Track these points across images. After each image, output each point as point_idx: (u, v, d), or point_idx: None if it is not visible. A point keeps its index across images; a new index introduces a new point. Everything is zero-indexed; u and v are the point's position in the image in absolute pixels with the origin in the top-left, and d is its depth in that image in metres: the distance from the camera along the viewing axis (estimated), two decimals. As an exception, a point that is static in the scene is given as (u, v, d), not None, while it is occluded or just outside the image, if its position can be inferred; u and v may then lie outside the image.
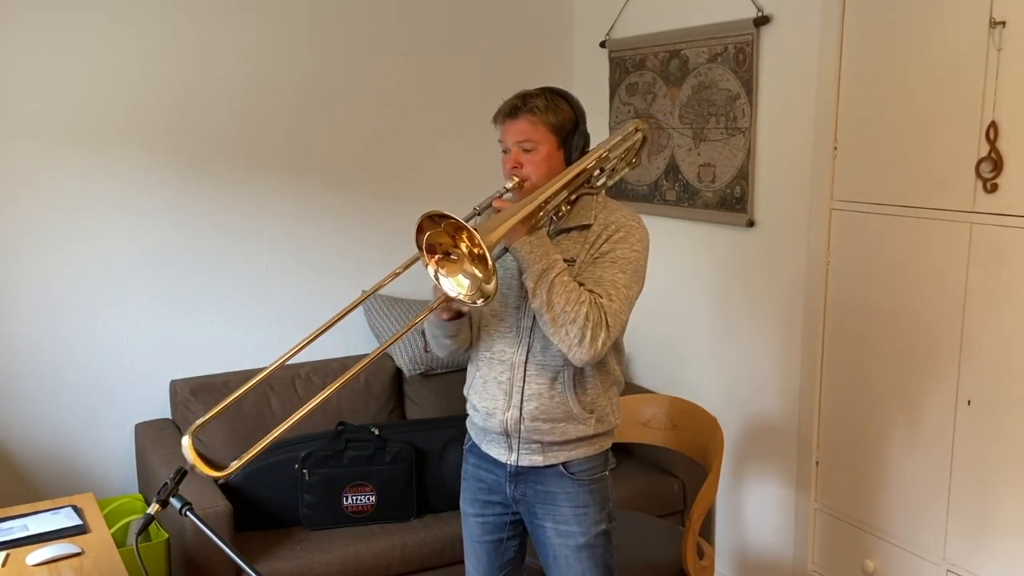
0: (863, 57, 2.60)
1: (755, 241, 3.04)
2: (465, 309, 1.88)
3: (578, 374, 1.97)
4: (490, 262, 1.65)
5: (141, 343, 3.19)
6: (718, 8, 3.05)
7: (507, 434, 2.00)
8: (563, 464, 2.00)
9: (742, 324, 3.13)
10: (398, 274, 1.91)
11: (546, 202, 1.86)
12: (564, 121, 1.96)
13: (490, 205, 1.88)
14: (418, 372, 3.38)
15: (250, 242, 3.33)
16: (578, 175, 1.93)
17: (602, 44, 3.63)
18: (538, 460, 2.00)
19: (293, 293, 3.43)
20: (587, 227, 1.96)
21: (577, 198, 1.99)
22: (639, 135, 2.14)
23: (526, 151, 1.94)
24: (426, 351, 3.34)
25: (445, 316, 1.91)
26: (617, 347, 2.04)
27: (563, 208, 1.97)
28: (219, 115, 3.22)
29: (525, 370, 1.97)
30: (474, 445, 2.13)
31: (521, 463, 2.01)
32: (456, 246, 1.71)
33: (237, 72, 3.23)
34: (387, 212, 3.54)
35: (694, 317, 3.32)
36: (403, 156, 3.57)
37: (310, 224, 3.42)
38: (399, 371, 3.41)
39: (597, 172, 2.05)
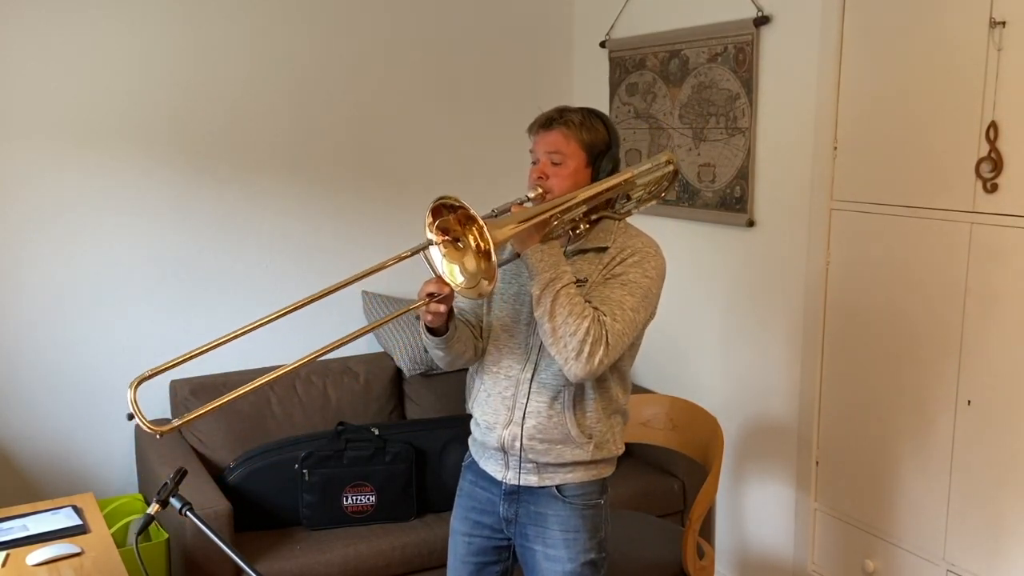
0: (863, 57, 2.60)
1: (755, 241, 3.04)
2: (442, 309, 1.83)
3: (578, 396, 1.95)
4: (493, 259, 1.65)
5: (141, 343, 3.19)
6: (718, 8, 3.05)
7: (504, 451, 1.99)
8: (557, 487, 1.99)
9: (742, 324, 3.13)
10: (404, 257, 1.84)
11: (563, 212, 1.84)
12: (597, 140, 1.95)
13: (508, 210, 1.87)
14: (418, 372, 3.38)
15: (249, 242, 3.33)
16: (600, 193, 1.92)
17: (602, 44, 3.63)
18: (533, 480, 1.99)
19: (292, 294, 3.39)
20: (604, 250, 1.95)
21: (599, 220, 1.98)
22: (670, 167, 2.13)
23: (554, 163, 1.93)
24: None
25: (428, 318, 1.85)
26: (622, 376, 2.02)
27: (582, 227, 1.95)
28: (218, 115, 3.22)
29: (530, 387, 1.96)
30: (473, 462, 2.11)
31: (516, 482, 2.00)
32: (465, 236, 1.71)
33: (236, 71, 3.23)
34: (386, 213, 3.53)
35: (694, 317, 3.32)
36: (402, 157, 3.57)
37: (309, 224, 3.42)
38: (399, 371, 3.41)
39: (624, 200, 2.05)
